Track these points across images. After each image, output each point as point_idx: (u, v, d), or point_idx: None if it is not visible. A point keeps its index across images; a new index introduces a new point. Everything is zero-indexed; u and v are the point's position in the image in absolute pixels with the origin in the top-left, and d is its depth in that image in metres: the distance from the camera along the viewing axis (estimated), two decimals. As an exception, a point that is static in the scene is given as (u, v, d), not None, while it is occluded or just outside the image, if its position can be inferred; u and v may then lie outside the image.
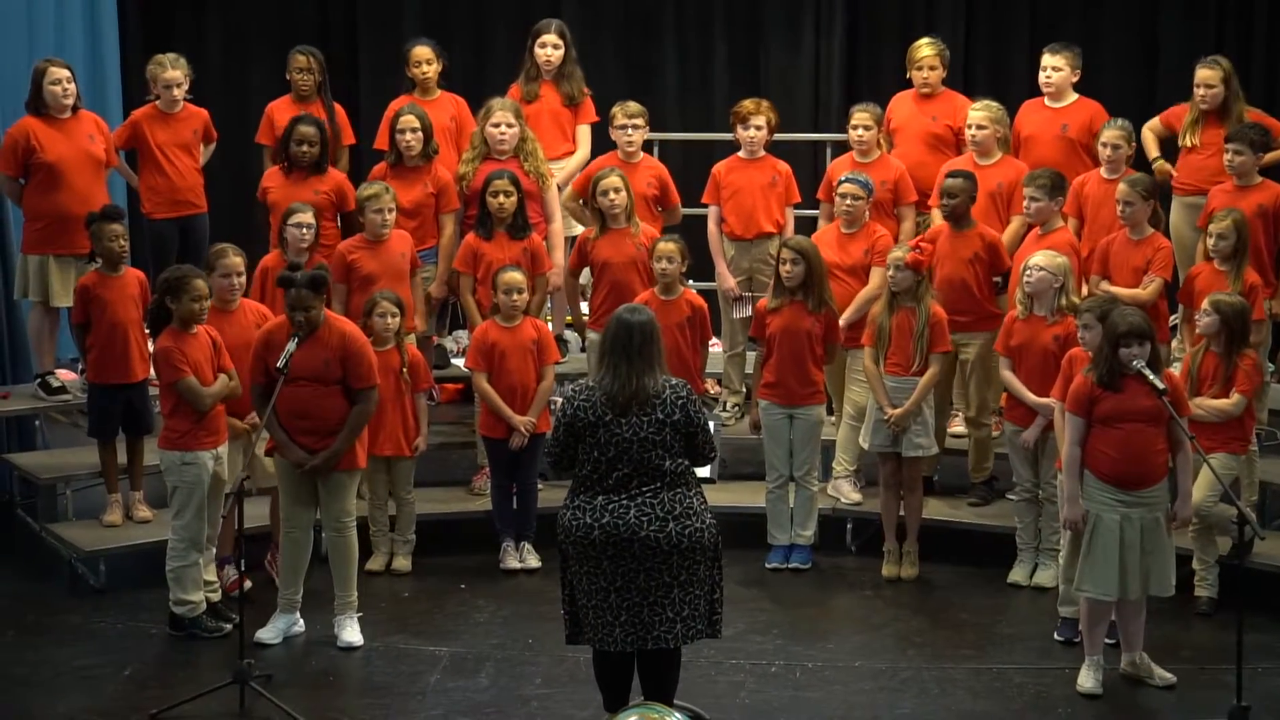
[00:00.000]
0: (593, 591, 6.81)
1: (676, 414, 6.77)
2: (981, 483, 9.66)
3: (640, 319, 6.86)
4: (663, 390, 6.78)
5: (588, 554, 6.78)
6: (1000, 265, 9.44)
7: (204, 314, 8.25)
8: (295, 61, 10.37)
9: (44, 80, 9.77)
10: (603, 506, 6.74)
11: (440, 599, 8.90)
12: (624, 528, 6.70)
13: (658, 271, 9.26)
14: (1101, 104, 10.07)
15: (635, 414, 6.74)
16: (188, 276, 8.24)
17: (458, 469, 10.16)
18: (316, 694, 7.74)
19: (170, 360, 8.15)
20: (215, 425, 8.31)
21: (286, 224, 9.25)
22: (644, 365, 6.78)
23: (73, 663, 8.08)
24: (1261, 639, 8.08)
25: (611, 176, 9.60)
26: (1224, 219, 8.90)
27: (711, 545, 6.86)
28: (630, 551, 6.71)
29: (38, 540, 9.48)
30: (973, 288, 9.37)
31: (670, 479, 6.76)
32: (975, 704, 7.66)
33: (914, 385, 9.00)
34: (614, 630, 6.80)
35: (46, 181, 9.78)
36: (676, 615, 6.79)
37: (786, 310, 9.08)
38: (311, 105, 10.28)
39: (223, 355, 8.35)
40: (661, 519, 6.72)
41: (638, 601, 6.76)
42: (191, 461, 8.19)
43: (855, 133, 9.97)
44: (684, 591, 6.79)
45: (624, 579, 6.75)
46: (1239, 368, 8.34)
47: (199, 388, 8.17)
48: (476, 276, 9.59)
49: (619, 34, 13.06)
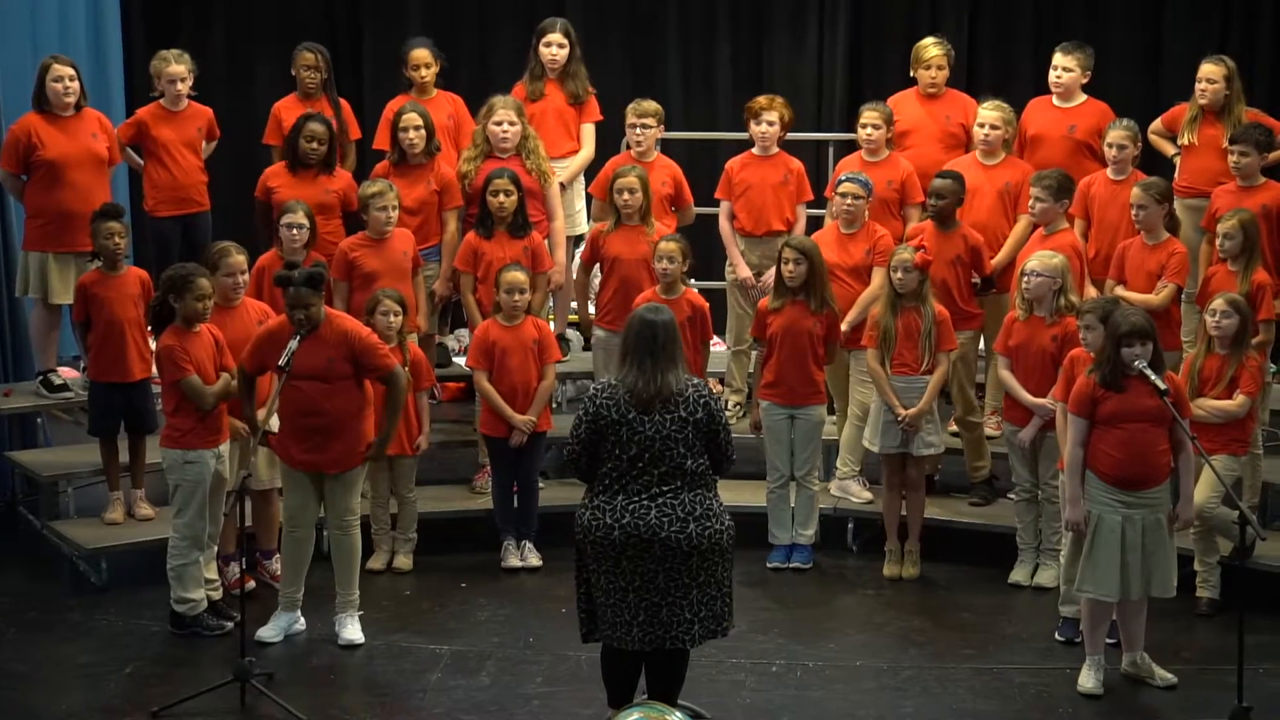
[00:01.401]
0: (611, 591, 6.82)
1: (700, 412, 6.78)
2: (982, 483, 9.66)
3: (663, 318, 6.88)
4: (685, 389, 6.80)
5: (607, 554, 6.78)
6: (981, 267, 9.45)
7: (207, 313, 8.25)
8: (302, 59, 10.36)
9: (47, 77, 9.77)
10: (623, 507, 6.74)
11: (442, 597, 8.90)
12: (644, 529, 6.71)
13: (659, 271, 9.25)
14: (1106, 104, 10.06)
15: (659, 412, 6.75)
16: (192, 275, 8.23)
17: (459, 467, 10.16)
18: (317, 692, 7.74)
19: (173, 359, 8.15)
20: (217, 424, 8.31)
21: (279, 224, 9.24)
22: (668, 363, 6.80)
23: (74, 660, 8.09)
24: (1263, 640, 8.08)
25: (630, 176, 9.58)
26: (1230, 219, 8.89)
27: (729, 546, 6.89)
28: (650, 552, 6.72)
29: (39, 538, 9.48)
30: (953, 288, 9.39)
31: (691, 479, 6.76)
32: (976, 704, 7.66)
33: (922, 385, 9.00)
34: (632, 630, 6.81)
35: (48, 179, 9.78)
36: (695, 616, 6.80)
37: (788, 310, 9.08)
38: (317, 102, 10.28)
39: (225, 354, 8.34)
40: (682, 520, 6.72)
41: (656, 602, 6.77)
42: (194, 460, 8.18)
43: (864, 132, 9.95)
44: (702, 592, 6.81)
45: (643, 579, 6.76)
46: (1244, 368, 8.33)
47: (201, 386, 8.17)
48: (477, 275, 9.59)
49: (623, 33, 13.07)
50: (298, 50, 10.43)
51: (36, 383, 10.11)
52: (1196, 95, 9.78)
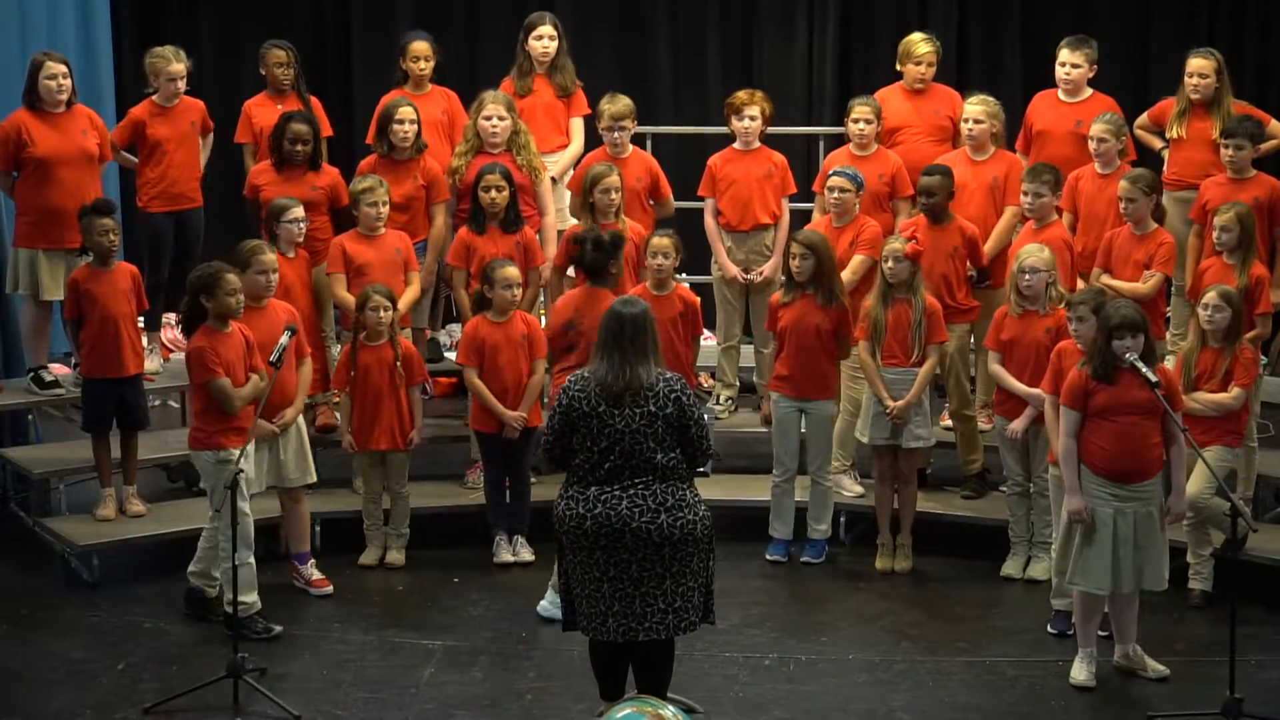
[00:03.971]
0: (586, 581, 6.85)
1: (669, 407, 6.78)
2: (974, 476, 9.67)
3: (634, 310, 6.90)
4: (656, 383, 6.80)
5: (581, 544, 6.81)
6: (977, 259, 9.46)
7: (240, 308, 8.18)
8: (274, 56, 10.37)
9: (40, 74, 9.75)
10: (595, 497, 6.77)
11: (434, 593, 8.90)
12: (616, 519, 6.73)
13: (654, 267, 9.24)
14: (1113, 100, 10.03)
15: (628, 405, 6.76)
16: (220, 272, 8.17)
17: (451, 463, 10.15)
18: (310, 687, 7.74)
19: (203, 360, 8.09)
20: (245, 425, 8.20)
21: (280, 221, 9.23)
22: (637, 356, 6.81)
23: (66, 657, 8.08)
24: (1255, 631, 8.10)
25: (612, 175, 9.58)
26: (1227, 211, 8.90)
27: (705, 537, 6.88)
28: (622, 543, 6.74)
29: (31, 535, 9.45)
30: (951, 281, 9.39)
31: (662, 472, 6.78)
32: (969, 696, 7.67)
33: (913, 377, 8.99)
34: (607, 621, 6.83)
35: (38, 175, 9.77)
36: (669, 606, 6.81)
37: (797, 304, 9.06)
38: (288, 99, 10.28)
39: (255, 355, 8.29)
40: (654, 510, 6.74)
41: (630, 592, 6.79)
42: (225, 460, 8.08)
43: (856, 126, 9.96)
44: (676, 583, 6.81)
45: (616, 569, 6.78)
46: (1237, 361, 8.35)
47: (230, 389, 8.10)
48: (470, 271, 9.59)
49: (612, 26, 13.06)
50: (266, 48, 10.45)
51: (28, 379, 10.09)
52: (1187, 90, 9.80)
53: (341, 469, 9.66)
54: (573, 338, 8.81)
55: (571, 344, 8.82)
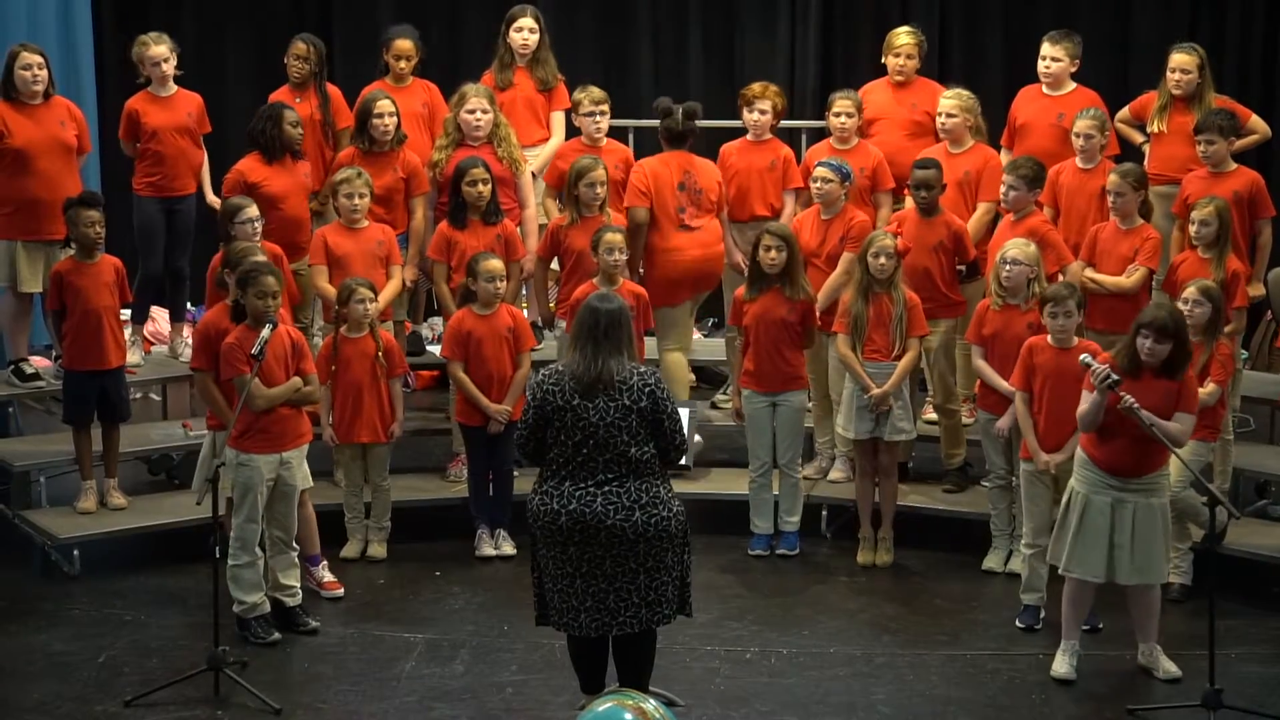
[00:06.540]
0: (559, 576, 6.86)
1: (643, 401, 6.79)
2: (956, 469, 9.69)
3: (610, 306, 6.92)
4: (629, 377, 6.82)
5: (554, 539, 6.82)
6: (965, 254, 9.46)
7: (269, 311, 8.01)
8: (294, 49, 10.32)
9: (15, 64, 9.73)
10: (570, 493, 6.77)
11: (415, 585, 8.90)
12: (590, 515, 6.74)
13: (608, 263, 9.21)
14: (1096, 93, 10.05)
15: (602, 398, 6.77)
16: (257, 271, 8.08)
17: (433, 456, 10.15)
18: (291, 680, 7.73)
19: (232, 356, 8.03)
20: (277, 429, 8.10)
21: (235, 222, 8.99)
22: (610, 349, 6.82)
23: (46, 650, 8.07)
24: (1234, 624, 8.14)
25: (598, 169, 9.56)
26: (1206, 205, 8.91)
27: (679, 533, 6.90)
28: (597, 539, 6.75)
29: (11, 527, 9.43)
30: (936, 275, 9.38)
31: (636, 466, 6.78)
32: (949, 690, 7.69)
33: (893, 370, 9.00)
34: (579, 615, 6.85)
35: (15, 166, 9.73)
36: (642, 601, 6.83)
37: (763, 298, 9.08)
38: (306, 92, 10.26)
39: (305, 359, 8.21)
40: (628, 508, 6.74)
41: (603, 588, 6.80)
42: (245, 463, 8.02)
43: (837, 120, 9.97)
44: (650, 578, 6.83)
45: (590, 565, 6.79)
46: (1214, 357, 8.36)
47: (253, 387, 7.94)
48: (451, 264, 9.58)
49: (593, 19, 13.03)
50: (293, 40, 10.38)
51: (8, 372, 10.07)
52: (1169, 84, 9.82)
53: (323, 462, 9.63)
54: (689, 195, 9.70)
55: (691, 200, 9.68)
